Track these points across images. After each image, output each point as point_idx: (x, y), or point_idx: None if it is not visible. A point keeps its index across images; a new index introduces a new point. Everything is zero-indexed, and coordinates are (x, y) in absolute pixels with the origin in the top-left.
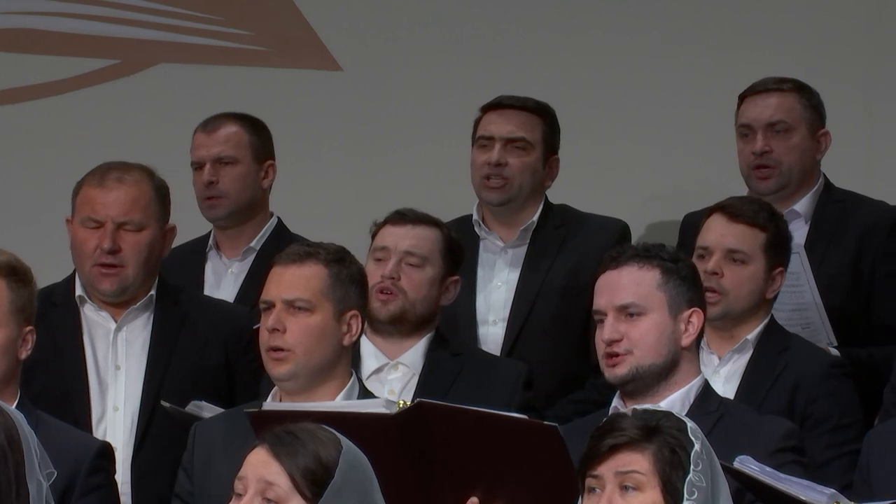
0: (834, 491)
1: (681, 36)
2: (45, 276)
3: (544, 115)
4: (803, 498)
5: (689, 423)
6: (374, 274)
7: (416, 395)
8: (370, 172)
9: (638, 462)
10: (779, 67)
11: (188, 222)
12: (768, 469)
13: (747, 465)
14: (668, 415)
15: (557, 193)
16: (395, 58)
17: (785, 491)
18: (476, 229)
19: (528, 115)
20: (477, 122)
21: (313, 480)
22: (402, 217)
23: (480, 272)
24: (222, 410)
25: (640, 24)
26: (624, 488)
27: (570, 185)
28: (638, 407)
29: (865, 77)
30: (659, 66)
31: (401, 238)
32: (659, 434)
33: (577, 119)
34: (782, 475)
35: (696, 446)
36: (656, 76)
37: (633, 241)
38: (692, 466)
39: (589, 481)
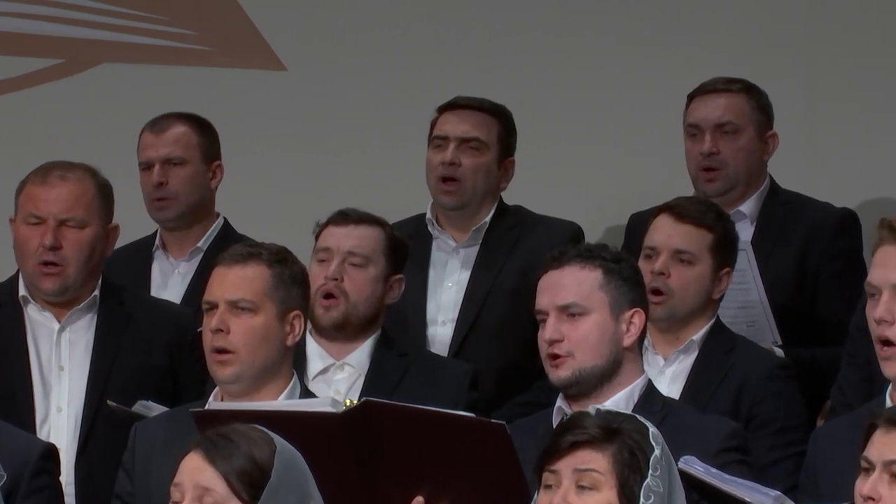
0: (779, 493)
1: (630, 37)
2: None
3: (500, 117)
4: (748, 500)
5: (651, 428)
6: (318, 275)
7: (362, 395)
8: (315, 172)
9: (597, 461)
10: (725, 68)
11: (133, 222)
12: (713, 470)
13: (692, 465)
14: (631, 418)
15: (510, 194)
16: (339, 58)
17: (730, 492)
18: (429, 228)
19: (484, 116)
20: (433, 123)
21: (250, 483)
22: (344, 217)
23: (432, 272)
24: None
25: (590, 26)
26: (580, 487)
27: (523, 186)
28: (601, 407)
29: (809, 78)
30: (609, 67)
31: (343, 238)
32: (620, 436)
33: (528, 120)
34: (727, 476)
35: (657, 451)
36: (606, 77)
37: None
38: (650, 471)
39: (546, 476)
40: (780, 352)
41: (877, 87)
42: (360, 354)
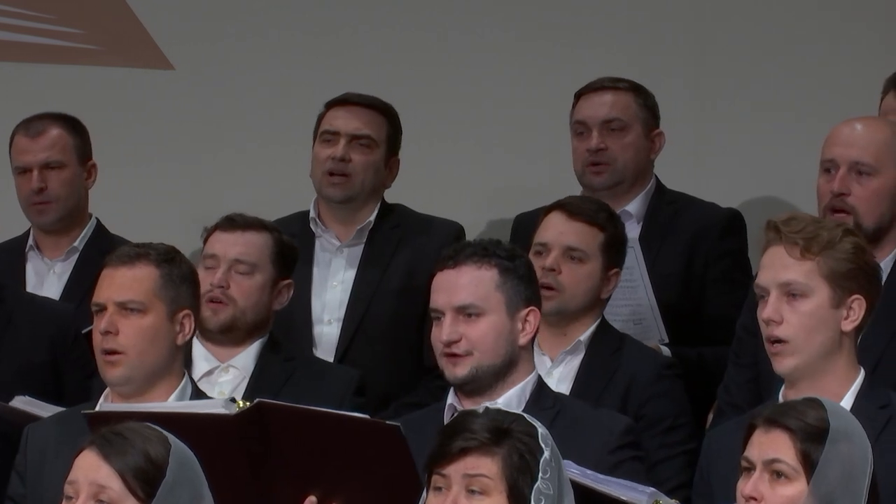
0: (654, 489)
1: (515, 35)
2: None
3: (389, 116)
4: (624, 498)
5: (541, 429)
6: (204, 282)
7: (245, 397)
8: (204, 172)
9: (486, 466)
10: (612, 67)
11: (5, 222)
12: (588, 472)
13: (568, 469)
14: (519, 418)
15: (393, 192)
16: (227, 57)
17: (606, 492)
18: (312, 227)
19: (375, 114)
20: (321, 118)
21: (145, 480)
22: (232, 223)
23: (316, 271)
24: (49, 406)
25: (475, 23)
26: (470, 491)
27: (407, 185)
28: (490, 405)
29: (695, 78)
30: (493, 64)
31: (230, 246)
32: (509, 438)
33: (411, 118)
34: (602, 476)
35: (546, 453)
36: (491, 75)
37: None
38: (541, 474)
39: (435, 479)
40: (666, 350)
41: (762, 89)
42: (246, 357)
